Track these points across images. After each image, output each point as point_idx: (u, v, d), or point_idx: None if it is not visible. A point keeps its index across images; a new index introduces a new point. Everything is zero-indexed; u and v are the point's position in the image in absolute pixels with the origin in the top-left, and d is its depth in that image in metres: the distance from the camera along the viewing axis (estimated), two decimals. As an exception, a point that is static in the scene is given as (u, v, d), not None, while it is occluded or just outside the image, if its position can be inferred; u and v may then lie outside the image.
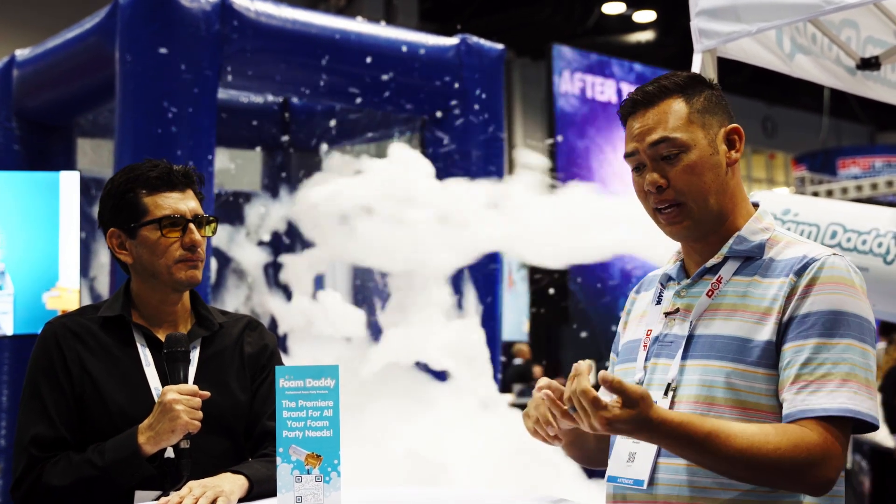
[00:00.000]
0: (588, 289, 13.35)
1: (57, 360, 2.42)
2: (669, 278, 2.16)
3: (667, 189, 2.04)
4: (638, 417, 1.80)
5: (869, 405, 1.88)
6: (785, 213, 3.98)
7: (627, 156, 2.10)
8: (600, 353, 10.73)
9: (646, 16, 17.03)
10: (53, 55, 6.49)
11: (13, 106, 6.89)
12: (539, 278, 13.62)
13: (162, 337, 2.48)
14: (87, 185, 6.19)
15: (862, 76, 4.04)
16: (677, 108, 2.05)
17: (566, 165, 14.20)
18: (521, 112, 17.71)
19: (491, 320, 6.70)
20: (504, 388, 8.19)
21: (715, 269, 2.07)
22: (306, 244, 6.83)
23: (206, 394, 2.35)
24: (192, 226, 2.48)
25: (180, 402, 2.29)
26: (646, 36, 17.63)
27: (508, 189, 6.53)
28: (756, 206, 2.15)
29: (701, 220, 2.05)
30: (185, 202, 2.50)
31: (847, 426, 1.89)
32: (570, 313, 13.71)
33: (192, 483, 2.25)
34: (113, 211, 2.51)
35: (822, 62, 3.91)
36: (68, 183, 4.70)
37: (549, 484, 5.38)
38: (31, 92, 6.78)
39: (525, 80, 17.76)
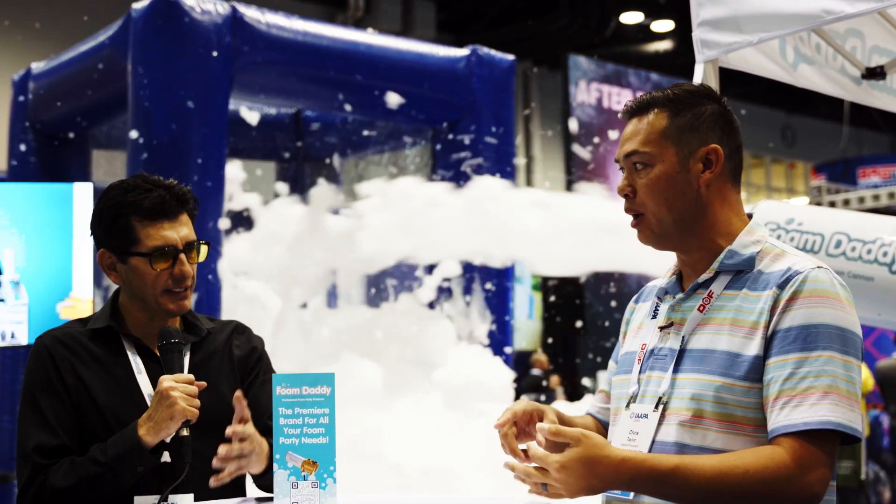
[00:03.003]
0: (603, 297, 13.33)
1: (52, 371, 2.45)
2: (665, 292, 2.20)
3: (633, 198, 2.12)
4: (583, 457, 1.81)
5: (850, 417, 1.88)
6: (789, 222, 3.96)
7: (616, 160, 2.20)
8: (616, 362, 10.68)
9: (664, 25, 16.97)
10: (68, 68, 6.57)
11: (29, 118, 6.98)
12: (553, 287, 13.58)
13: (151, 345, 2.52)
14: (101, 196, 6.23)
15: (868, 86, 4.02)
16: (657, 122, 2.12)
17: (582, 175, 14.21)
18: (539, 122, 17.70)
19: (503, 330, 6.71)
20: (518, 397, 8.17)
21: (707, 284, 2.10)
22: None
23: (203, 384, 2.38)
24: (182, 256, 2.48)
25: (177, 388, 2.32)
26: (664, 45, 17.57)
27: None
28: (749, 217, 2.17)
29: (659, 233, 2.11)
30: (177, 230, 2.49)
31: (830, 439, 1.88)
32: (586, 322, 13.69)
33: (249, 428, 2.30)
34: (105, 232, 2.52)
35: (827, 72, 3.90)
36: (82, 194, 4.72)
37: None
38: (46, 104, 6.86)
39: (542, 90, 17.74)
